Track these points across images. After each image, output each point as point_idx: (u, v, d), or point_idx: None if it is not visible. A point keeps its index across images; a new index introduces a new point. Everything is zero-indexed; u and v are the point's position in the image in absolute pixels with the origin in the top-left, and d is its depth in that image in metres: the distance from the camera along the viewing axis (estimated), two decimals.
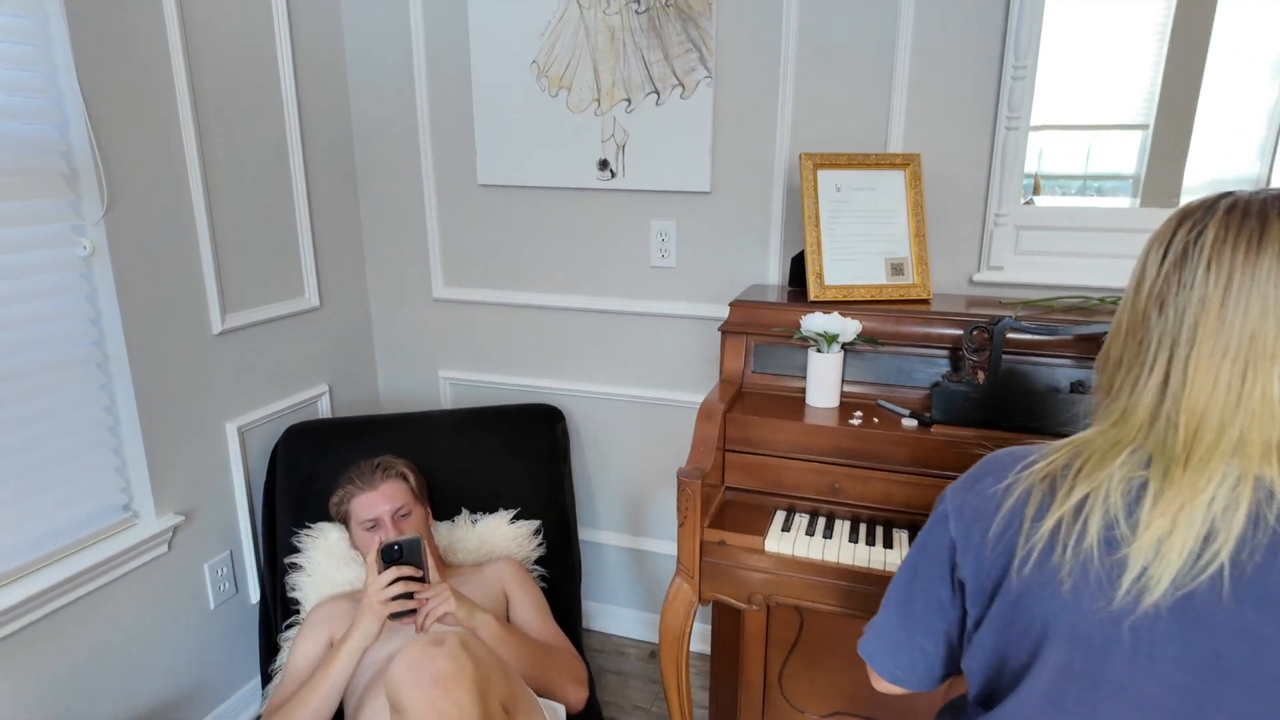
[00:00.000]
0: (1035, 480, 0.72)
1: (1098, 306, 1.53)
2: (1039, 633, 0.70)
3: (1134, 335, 0.72)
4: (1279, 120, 1.50)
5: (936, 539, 0.81)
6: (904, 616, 0.86)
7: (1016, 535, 0.72)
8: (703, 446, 1.38)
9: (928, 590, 0.83)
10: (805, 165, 1.59)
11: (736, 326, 1.57)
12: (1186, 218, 0.70)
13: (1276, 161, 1.51)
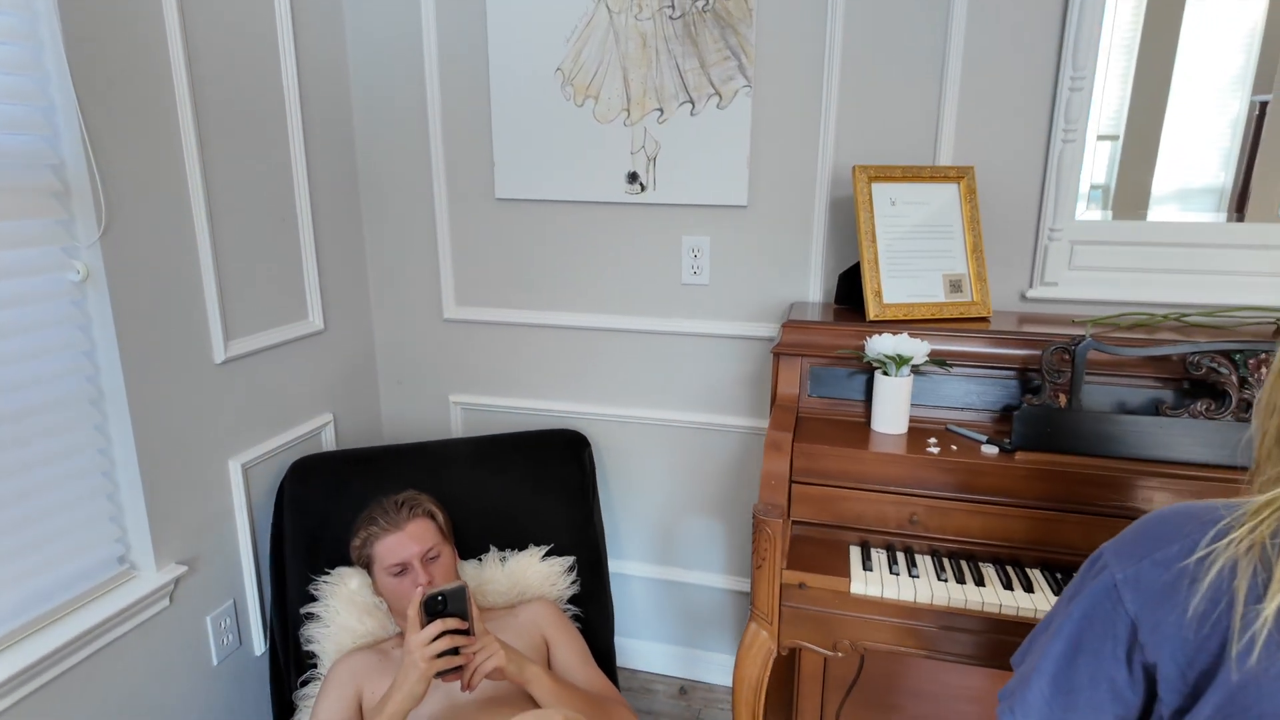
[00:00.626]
0: (1238, 552, 0.64)
1: (1161, 323, 1.48)
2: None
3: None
4: (1241, 131, 1.50)
5: (1105, 613, 0.72)
6: (1061, 692, 0.77)
7: (1228, 616, 0.63)
8: (774, 480, 1.29)
9: (1095, 670, 0.74)
10: (859, 178, 1.51)
11: (791, 348, 1.49)
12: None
13: (1240, 172, 1.52)
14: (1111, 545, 0.75)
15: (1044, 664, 0.78)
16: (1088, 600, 0.75)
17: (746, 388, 1.85)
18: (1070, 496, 1.25)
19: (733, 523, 1.95)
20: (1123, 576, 0.71)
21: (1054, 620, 0.81)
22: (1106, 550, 0.75)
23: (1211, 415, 1.23)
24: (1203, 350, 1.24)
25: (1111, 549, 0.75)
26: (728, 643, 2.05)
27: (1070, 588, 0.80)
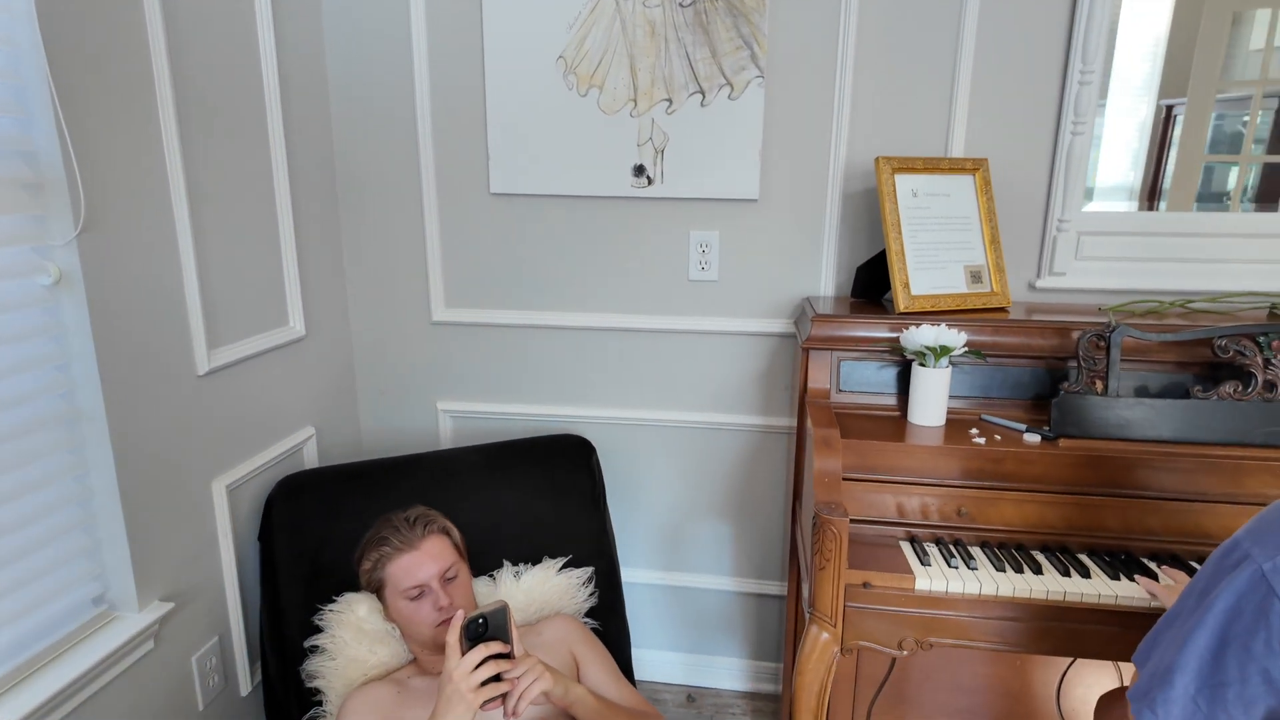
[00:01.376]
0: None
1: (1169, 310, 1.53)
2: None
3: None
4: (1148, 133, 1.59)
5: (1255, 604, 0.71)
6: (1207, 686, 0.75)
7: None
8: (827, 478, 1.25)
9: (1246, 662, 0.72)
10: (883, 169, 1.50)
11: (822, 342, 1.46)
12: None
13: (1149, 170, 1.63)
14: (1249, 534, 0.74)
15: (1185, 659, 0.77)
16: (1232, 592, 0.73)
17: (757, 385, 1.81)
18: (1113, 481, 1.26)
19: (742, 524, 1.91)
20: (1270, 565, 0.70)
21: (1185, 614, 0.80)
22: (1244, 539, 0.74)
23: (1240, 396, 1.27)
24: (1230, 333, 1.27)
25: (1251, 538, 0.74)
26: (735, 647, 2.01)
27: (1201, 580, 0.79)
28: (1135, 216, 1.61)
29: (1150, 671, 0.81)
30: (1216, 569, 0.77)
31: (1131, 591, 1.14)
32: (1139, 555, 1.25)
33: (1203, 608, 0.76)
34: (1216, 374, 1.33)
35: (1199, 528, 1.25)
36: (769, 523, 1.90)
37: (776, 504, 1.88)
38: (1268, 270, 1.57)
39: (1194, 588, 0.80)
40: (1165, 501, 1.25)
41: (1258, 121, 1.58)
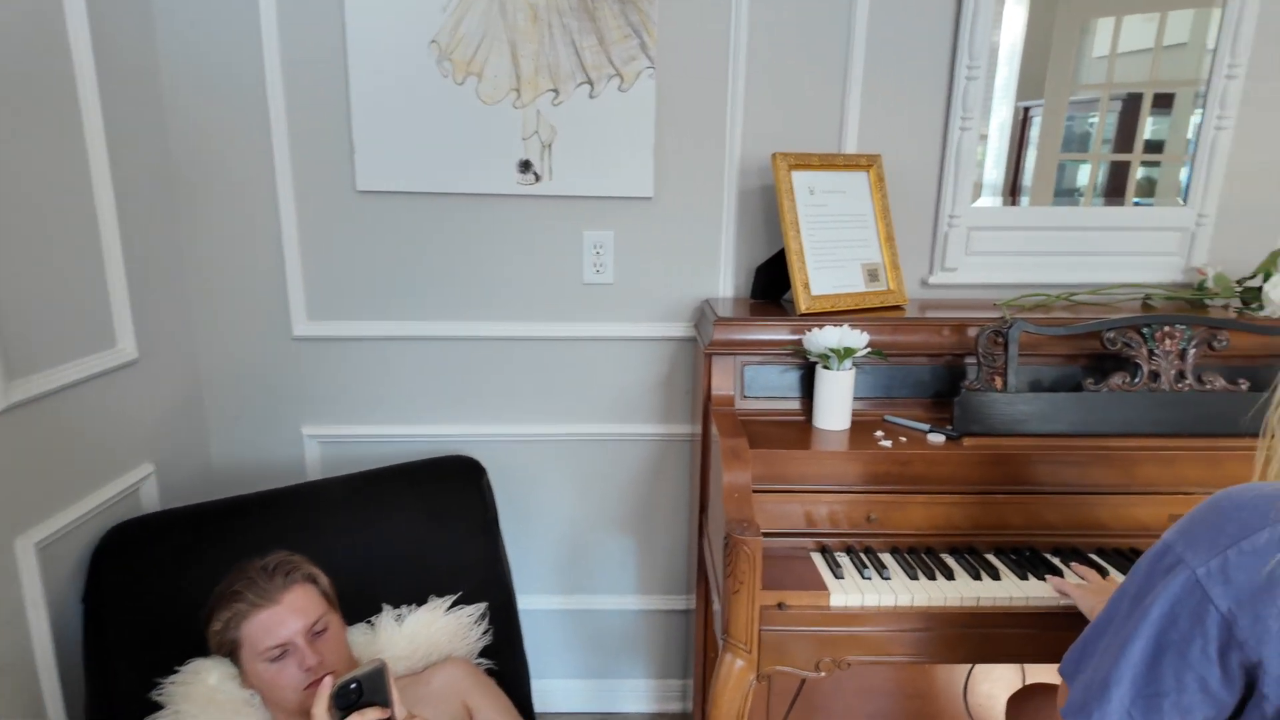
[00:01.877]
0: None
1: (1055, 303, 1.56)
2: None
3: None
4: (1008, 134, 1.66)
5: (1190, 611, 0.67)
6: (1143, 697, 0.72)
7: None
8: (738, 494, 1.17)
9: (1183, 671, 0.69)
10: (779, 166, 1.44)
11: (725, 347, 1.38)
12: None
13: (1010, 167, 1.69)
14: (1180, 537, 0.71)
15: (1120, 670, 0.73)
16: (1167, 598, 0.69)
17: (657, 392, 1.72)
18: (1016, 478, 1.25)
19: (646, 538, 1.82)
20: (1205, 570, 0.67)
21: (1118, 622, 0.76)
22: (1176, 543, 0.71)
23: (1128, 387, 1.29)
24: (1117, 325, 1.29)
25: (1182, 541, 0.70)
26: (643, 667, 1.91)
27: (1133, 584, 0.76)
28: (1018, 212, 1.63)
29: (1085, 685, 0.77)
30: (1149, 574, 0.73)
31: (1042, 592, 1.12)
32: (1043, 551, 1.25)
33: (1137, 615, 0.72)
34: (1106, 365, 1.35)
35: (1096, 520, 1.26)
36: (674, 534, 1.81)
37: (681, 514, 1.80)
38: (1141, 261, 1.63)
39: (1125, 592, 0.77)
40: (1064, 496, 1.25)
41: (1105, 122, 1.65)
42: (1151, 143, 1.63)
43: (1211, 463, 1.24)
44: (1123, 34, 1.59)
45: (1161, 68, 1.59)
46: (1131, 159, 1.64)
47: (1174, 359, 1.29)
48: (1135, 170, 1.65)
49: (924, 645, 1.12)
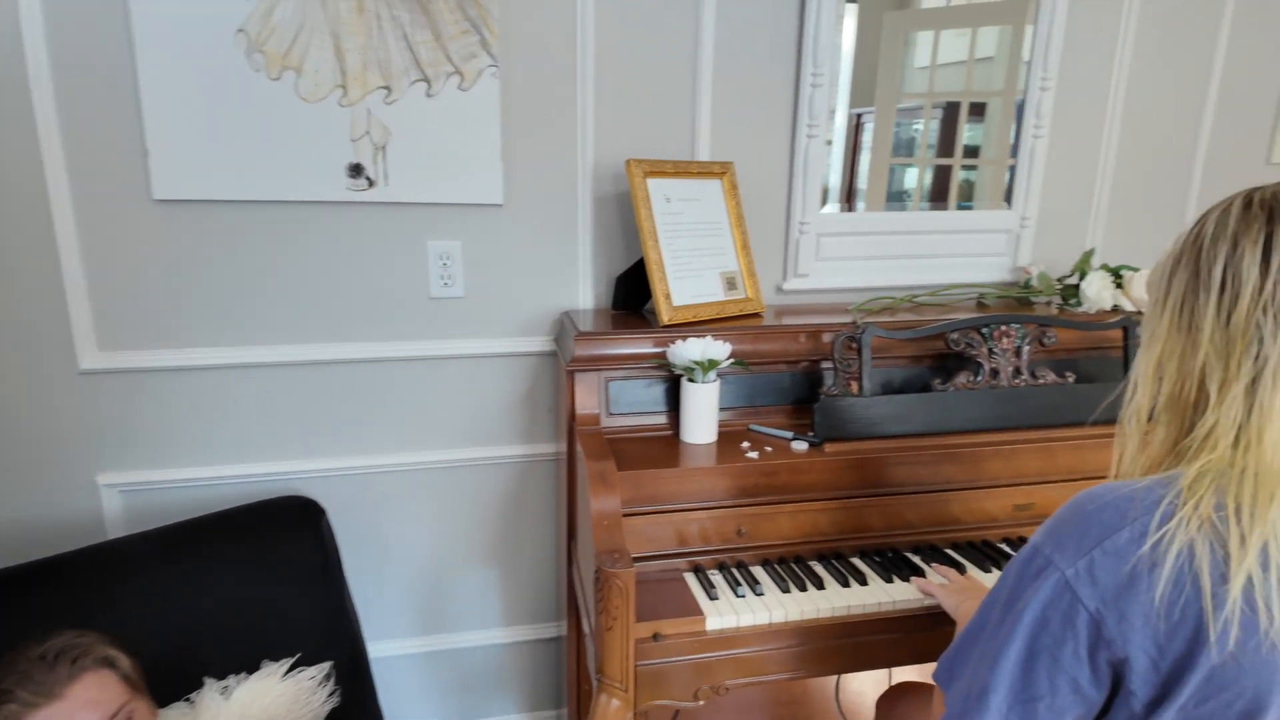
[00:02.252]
0: (1192, 532, 0.63)
1: (900, 305, 1.61)
2: (1248, 704, 0.62)
3: (1235, 344, 0.67)
4: (843, 139, 1.74)
5: (1061, 613, 0.68)
6: (1020, 702, 0.72)
7: (1197, 600, 0.62)
8: (607, 521, 1.10)
9: (1055, 673, 0.69)
10: (634, 173, 1.39)
11: (587, 363, 1.31)
12: (1273, 218, 0.67)
13: (846, 172, 1.79)
14: (1048, 540, 0.71)
15: (997, 678, 0.72)
16: (1038, 602, 0.70)
17: (517, 411, 1.62)
18: (875, 480, 1.27)
19: (511, 566, 1.71)
20: (1073, 572, 0.67)
21: (990, 629, 0.76)
22: (1044, 546, 0.71)
23: (972, 386, 1.35)
24: (960, 326, 1.35)
25: (1050, 544, 0.71)
26: (512, 702, 1.81)
27: (1004, 590, 0.76)
28: (866, 217, 1.68)
29: (963, 694, 0.76)
30: (1020, 578, 0.73)
31: (908, 594, 1.14)
32: (903, 550, 1.27)
33: (1010, 620, 0.72)
34: (951, 365, 1.41)
35: (949, 515, 1.30)
36: (541, 559, 1.72)
37: (548, 537, 1.71)
38: (974, 262, 1.73)
39: (996, 599, 0.77)
40: (920, 495, 1.29)
41: (929, 128, 1.72)
42: (970, 148, 1.72)
43: (1047, 454, 1.32)
44: (941, 47, 1.67)
45: (974, 79, 1.69)
46: (953, 163, 1.72)
47: (1010, 356, 1.36)
48: (957, 174, 1.74)
49: (799, 661, 1.11)
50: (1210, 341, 0.69)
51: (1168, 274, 0.75)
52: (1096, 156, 1.73)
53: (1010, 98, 1.67)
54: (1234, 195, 0.71)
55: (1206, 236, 0.71)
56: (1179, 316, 0.72)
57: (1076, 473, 1.33)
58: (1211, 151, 1.78)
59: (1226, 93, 1.75)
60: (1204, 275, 0.70)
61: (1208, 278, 0.69)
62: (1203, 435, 0.69)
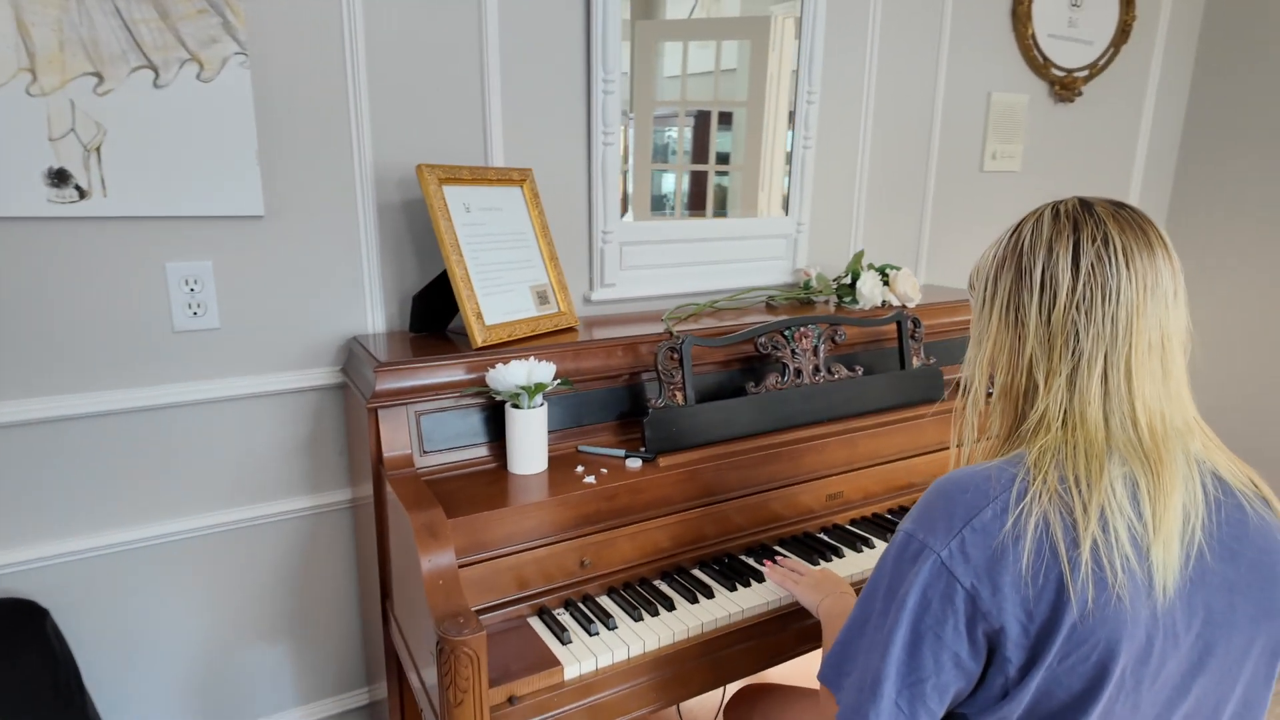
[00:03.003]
0: (1044, 505, 0.69)
1: (703, 311, 1.64)
2: (1102, 654, 0.68)
3: (1055, 340, 0.74)
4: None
5: (940, 593, 0.71)
6: (908, 686, 0.74)
7: (1056, 564, 0.68)
8: (443, 581, 0.97)
9: (939, 651, 0.72)
10: (428, 179, 1.25)
11: (394, 397, 1.15)
12: (1079, 226, 0.75)
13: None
14: (919, 526, 0.74)
15: (888, 665, 0.74)
16: (918, 586, 0.72)
17: (300, 457, 1.39)
18: (708, 489, 1.27)
19: (306, 634, 1.47)
20: (947, 552, 0.71)
21: (875, 620, 0.77)
22: (916, 532, 0.74)
23: (780, 386, 1.40)
24: (766, 330, 1.40)
25: (922, 529, 0.73)
26: None
27: (881, 582, 0.77)
28: (663, 225, 1.69)
29: (857, 687, 0.77)
30: (897, 566, 0.75)
31: (754, 600, 1.15)
32: (738, 554, 1.29)
33: (894, 608, 0.74)
34: (756, 367, 1.46)
35: (772, 514, 1.34)
36: (341, 623, 1.50)
37: (347, 596, 1.50)
38: (761, 266, 1.81)
39: (875, 591, 0.78)
40: (747, 498, 1.31)
41: (684, 135, 1.76)
42: (721, 154, 1.77)
43: (850, 444, 1.42)
44: (690, 58, 1.69)
45: (721, 89, 1.73)
46: (708, 169, 1.76)
47: (810, 355, 1.43)
48: (712, 180, 1.78)
49: (662, 690, 1.07)
50: (1035, 337, 0.76)
51: (992, 277, 0.81)
52: (854, 166, 1.91)
53: (756, 108, 1.74)
54: (1042, 207, 0.79)
55: (1025, 243, 0.78)
56: (1007, 315, 0.79)
57: (876, 458, 1.44)
58: (941, 162, 2.05)
59: (948, 112, 2.02)
60: (1026, 278, 0.77)
61: (1030, 280, 0.76)
62: (1036, 420, 0.76)
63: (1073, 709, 0.70)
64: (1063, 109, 2.23)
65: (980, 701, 0.74)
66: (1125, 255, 0.72)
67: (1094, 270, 0.73)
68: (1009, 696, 0.72)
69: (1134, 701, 0.71)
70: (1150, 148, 2.44)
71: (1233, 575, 0.72)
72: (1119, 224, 0.74)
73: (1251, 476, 0.77)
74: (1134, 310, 0.72)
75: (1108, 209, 0.76)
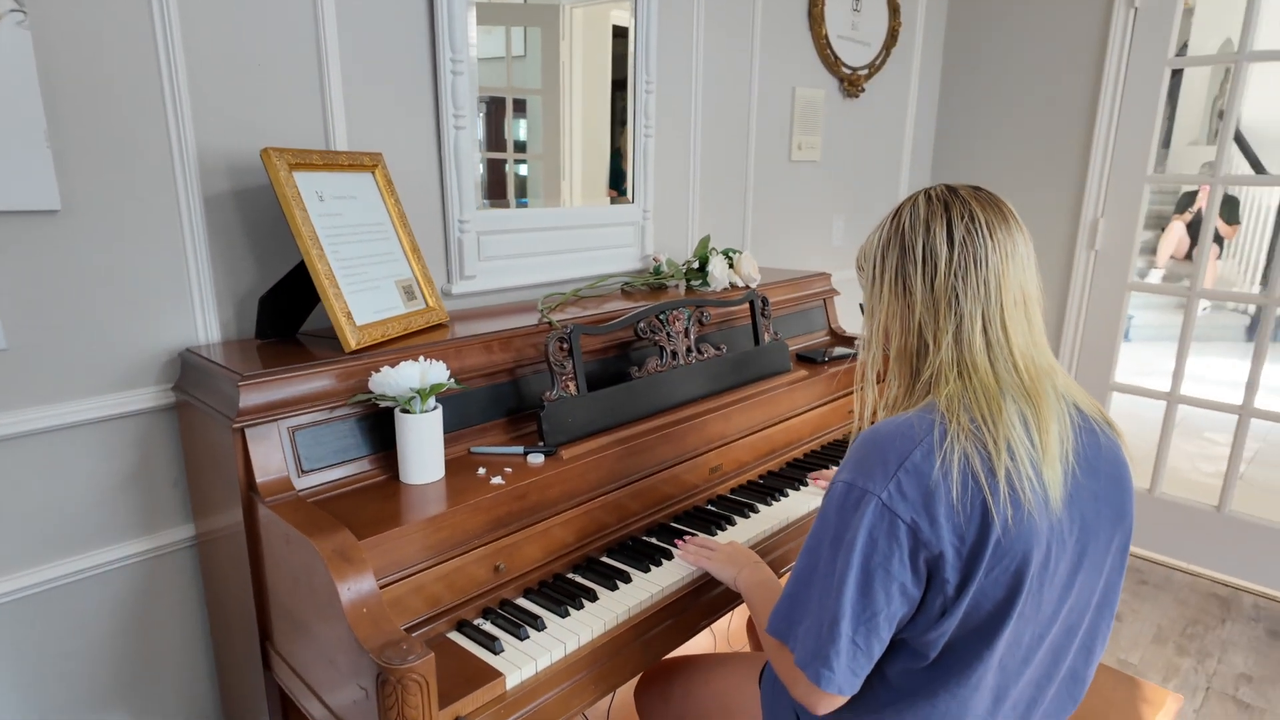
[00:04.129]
0: (963, 443, 0.79)
1: (570, 300, 1.63)
2: (1019, 564, 0.79)
3: (939, 303, 0.85)
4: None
5: (885, 532, 0.79)
6: (863, 622, 0.81)
7: (979, 492, 0.78)
8: (368, 609, 0.87)
9: (888, 584, 0.80)
10: (276, 166, 1.11)
11: (262, 413, 1.01)
12: (949, 207, 0.86)
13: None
14: (856, 474, 0.82)
15: (843, 606, 0.81)
16: (864, 528, 0.80)
17: (127, 494, 1.17)
18: (612, 476, 1.27)
19: (145, 700, 1.25)
20: (887, 494, 0.79)
21: (823, 568, 0.83)
22: (855, 480, 0.81)
23: (660, 369, 1.43)
24: (643, 316, 1.42)
25: (861, 477, 0.81)
26: None
27: (825, 531, 0.84)
28: (519, 214, 1.63)
29: (814, 633, 0.83)
30: (840, 514, 0.82)
31: (670, 577, 1.17)
32: (641, 536, 1.30)
33: (843, 553, 0.81)
34: (634, 353, 1.48)
35: (665, 494, 1.37)
36: (191, 678, 1.29)
37: (198, 649, 1.29)
38: (613, 254, 1.83)
39: (820, 540, 0.84)
40: (641, 480, 1.33)
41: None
42: (519, 143, 1.68)
43: (725, 419, 1.49)
44: (481, 42, 1.60)
45: (514, 76, 1.65)
46: (506, 157, 1.66)
47: (683, 337, 1.48)
48: (511, 169, 1.67)
49: (600, 680, 1.05)
50: (923, 304, 0.87)
51: (880, 256, 0.91)
52: (688, 156, 1.99)
53: (551, 97, 1.69)
54: (915, 193, 0.91)
55: (906, 223, 0.89)
56: (896, 286, 0.89)
57: (746, 430, 1.53)
58: (758, 153, 2.20)
59: (763, 106, 2.17)
60: (910, 254, 0.87)
61: (913, 255, 0.87)
62: (930, 375, 0.86)
63: (995, 616, 0.81)
64: (851, 104, 2.50)
65: (921, 624, 0.83)
66: (989, 228, 0.85)
67: (966, 242, 0.85)
68: (947, 614, 0.81)
69: (1038, 601, 0.84)
70: (915, 139, 2.82)
71: (1096, 487, 0.87)
72: (980, 203, 0.87)
73: (1097, 405, 0.94)
74: (1001, 273, 0.85)
75: (969, 191, 0.89)
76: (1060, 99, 2.58)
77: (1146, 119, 2.44)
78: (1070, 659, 0.92)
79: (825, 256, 2.54)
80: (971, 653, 0.84)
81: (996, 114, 2.74)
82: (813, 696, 0.86)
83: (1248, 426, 2.42)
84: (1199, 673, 2.10)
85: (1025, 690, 0.90)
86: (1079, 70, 2.52)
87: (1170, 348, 2.59)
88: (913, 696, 0.88)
